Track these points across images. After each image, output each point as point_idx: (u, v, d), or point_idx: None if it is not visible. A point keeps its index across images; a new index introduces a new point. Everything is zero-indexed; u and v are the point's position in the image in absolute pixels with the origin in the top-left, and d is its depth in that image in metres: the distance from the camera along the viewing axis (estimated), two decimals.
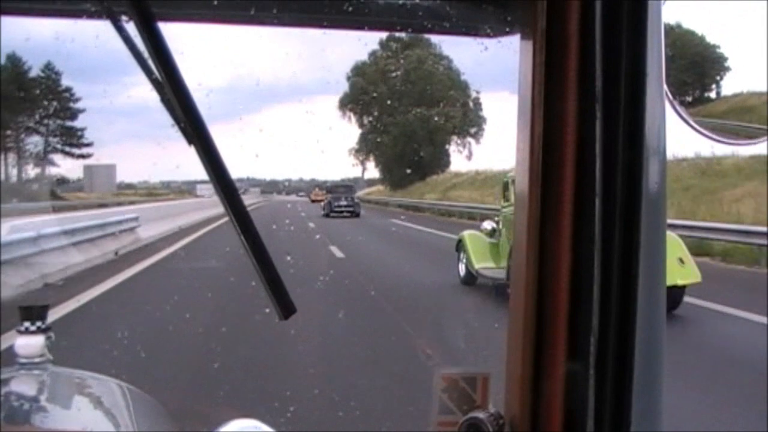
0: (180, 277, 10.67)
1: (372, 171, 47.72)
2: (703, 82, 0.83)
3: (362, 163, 48.83)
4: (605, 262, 0.73)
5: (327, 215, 27.84)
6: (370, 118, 43.95)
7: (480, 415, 0.82)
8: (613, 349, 0.74)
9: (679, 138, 0.90)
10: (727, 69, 0.81)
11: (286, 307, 0.78)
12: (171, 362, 6.04)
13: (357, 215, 27.87)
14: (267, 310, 0.80)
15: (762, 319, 7.81)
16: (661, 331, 0.77)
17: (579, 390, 0.74)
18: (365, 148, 46.59)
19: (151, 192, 40.64)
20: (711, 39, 0.80)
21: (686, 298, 8.22)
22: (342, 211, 27.84)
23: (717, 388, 5.76)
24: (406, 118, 39.86)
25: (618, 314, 0.74)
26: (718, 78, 0.82)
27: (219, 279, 9.58)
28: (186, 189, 38.50)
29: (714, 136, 0.84)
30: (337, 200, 28.70)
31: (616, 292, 0.74)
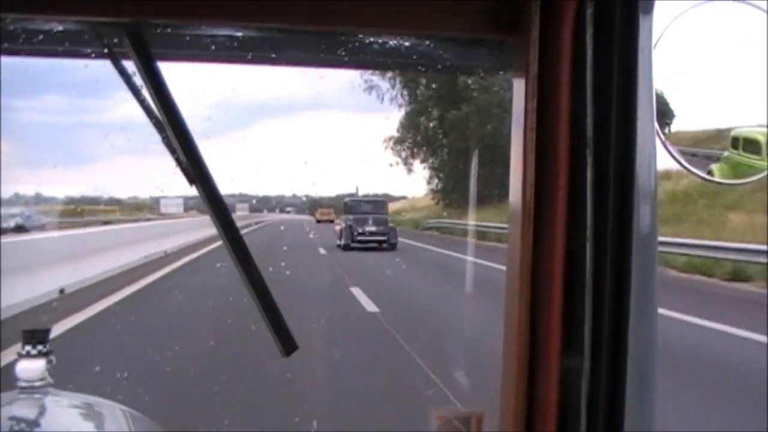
0: None
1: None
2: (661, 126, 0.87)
3: (405, 161, 33.41)
4: (597, 279, 0.78)
5: (347, 246, 19.13)
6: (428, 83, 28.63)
7: None
8: (607, 353, 0.78)
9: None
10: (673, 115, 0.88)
11: (287, 344, 0.82)
12: None
13: (392, 247, 19.56)
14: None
15: None
16: (653, 334, 0.80)
17: (573, 391, 0.79)
18: (413, 135, 31.64)
19: (76, 209, 27.83)
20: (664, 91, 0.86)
21: None
22: (369, 241, 19.33)
23: None
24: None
25: (610, 323, 0.78)
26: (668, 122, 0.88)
27: None
28: (147, 205, 33.22)
29: (707, 177, 0.87)
30: (362, 224, 19.77)
31: (609, 308, 0.78)
